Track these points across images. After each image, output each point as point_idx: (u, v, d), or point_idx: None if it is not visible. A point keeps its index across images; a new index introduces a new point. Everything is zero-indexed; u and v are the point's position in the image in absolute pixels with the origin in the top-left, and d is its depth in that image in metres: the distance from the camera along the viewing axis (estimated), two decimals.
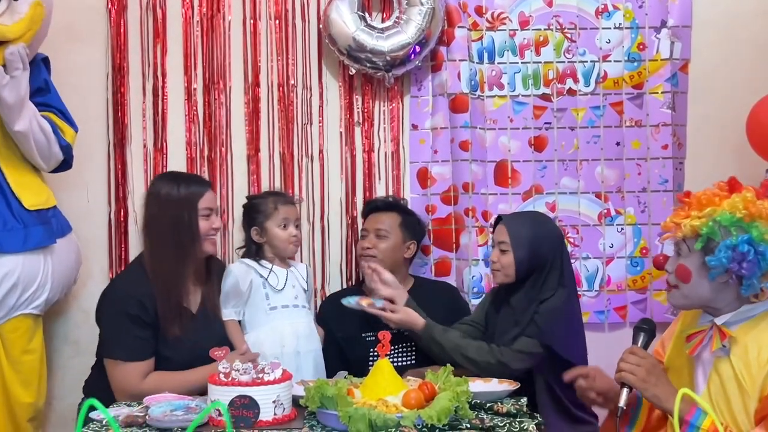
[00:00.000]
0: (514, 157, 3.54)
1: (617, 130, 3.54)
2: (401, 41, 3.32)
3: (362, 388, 2.37)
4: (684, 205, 2.16)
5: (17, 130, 2.83)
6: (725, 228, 2.05)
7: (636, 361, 2.12)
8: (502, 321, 2.92)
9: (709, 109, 3.55)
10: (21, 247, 2.85)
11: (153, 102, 3.47)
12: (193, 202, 2.85)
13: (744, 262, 2.03)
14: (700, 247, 2.08)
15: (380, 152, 3.52)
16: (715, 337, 2.11)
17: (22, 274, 2.86)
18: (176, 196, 2.85)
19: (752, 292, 2.08)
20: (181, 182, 2.90)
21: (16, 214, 2.86)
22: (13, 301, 2.87)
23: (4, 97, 2.75)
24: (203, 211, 2.86)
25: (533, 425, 2.26)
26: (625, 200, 3.54)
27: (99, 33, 3.43)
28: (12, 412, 2.93)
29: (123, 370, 2.74)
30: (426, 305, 3.09)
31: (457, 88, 3.45)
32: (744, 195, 2.08)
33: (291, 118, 3.49)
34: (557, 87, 3.53)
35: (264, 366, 2.33)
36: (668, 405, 2.07)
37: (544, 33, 3.53)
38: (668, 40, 3.52)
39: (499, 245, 2.90)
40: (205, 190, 2.90)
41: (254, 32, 3.48)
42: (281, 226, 3.03)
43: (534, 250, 2.84)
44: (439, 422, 2.18)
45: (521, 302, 2.86)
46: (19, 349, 2.93)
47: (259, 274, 2.99)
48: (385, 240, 3.16)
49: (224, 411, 1.34)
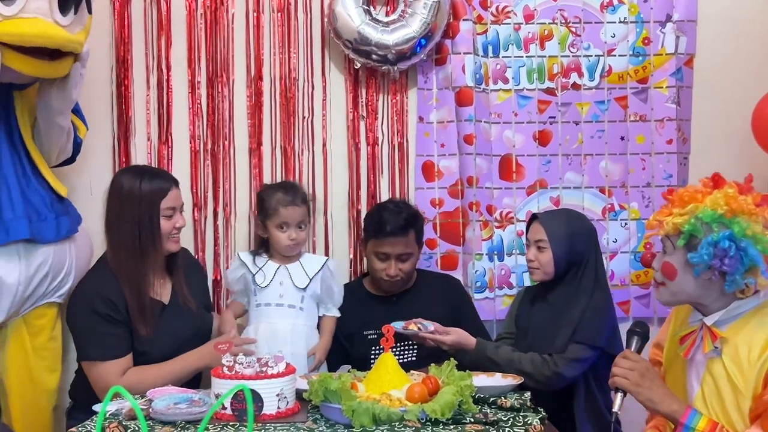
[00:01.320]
0: (518, 151, 3.53)
1: (622, 124, 3.53)
2: (406, 35, 3.31)
3: (366, 382, 2.37)
4: (668, 202, 2.16)
5: (64, 125, 2.93)
6: (707, 224, 2.05)
7: (629, 366, 2.11)
8: (539, 318, 2.91)
9: (714, 103, 3.54)
10: (55, 236, 2.89)
11: (157, 95, 3.47)
12: (154, 202, 2.76)
13: (726, 258, 2.02)
14: (683, 244, 2.08)
15: (384, 146, 3.52)
16: (706, 339, 2.10)
17: (53, 263, 2.90)
18: (137, 195, 2.75)
19: (736, 288, 2.07)
20: (144, 178, 2.79)
21: (48, 204, 2.91)
22: (44, 290, 2.92)
23: (72, 93, 2.85)
24: (166, 211, 2.78)
25: (537, 419, 2.25)
26: (629, 195, 3.53)
27: (103, 25, 3.42)
28: (38, 402, 2.97)
29: (101, 369, 2.70)
30: (429, 298, 3.09)
31: (461, 81, 3.45)
32: (725, 191, 2.08)
33: (293, 112, 3.49)
34: (562, 81, 3.52)
35: (268, 359, 2.33)
36: (662, 408, 2.07)
37: (548, 27, 3.52)
38: (673, 34, 3.51)
39: (535, 243, 2.89)
40: (168, 188, 2.80)
41: (257, 25, 3.48)
42: (280, 227, 2.98)
43: (571, 246, 2.84)
44: (443, 416, 2.18)
45: (559, 299, 2.86)
46: (45, 336, 2.98)
47: (249, 270, 2.99)
48: (409, 261, 3.11)
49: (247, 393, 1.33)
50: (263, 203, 3.02)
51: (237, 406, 2.23)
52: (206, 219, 3.48)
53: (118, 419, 2.26)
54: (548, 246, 2.85)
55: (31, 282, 2.85)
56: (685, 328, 2.21)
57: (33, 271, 2.84)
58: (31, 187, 2.88)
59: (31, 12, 2.63)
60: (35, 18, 2.64)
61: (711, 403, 2.08)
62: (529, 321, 2.95)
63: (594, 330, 2.75)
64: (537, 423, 2.23)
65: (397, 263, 3.08)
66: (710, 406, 2.08)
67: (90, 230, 3.22)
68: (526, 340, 2.90)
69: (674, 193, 2.16)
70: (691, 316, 2.21)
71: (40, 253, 2.86)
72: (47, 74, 2.77)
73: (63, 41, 2.69)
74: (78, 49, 2.78)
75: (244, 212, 3.48)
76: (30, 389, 2.95)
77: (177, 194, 2.85)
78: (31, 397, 2.95)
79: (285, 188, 3.07)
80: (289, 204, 2.98)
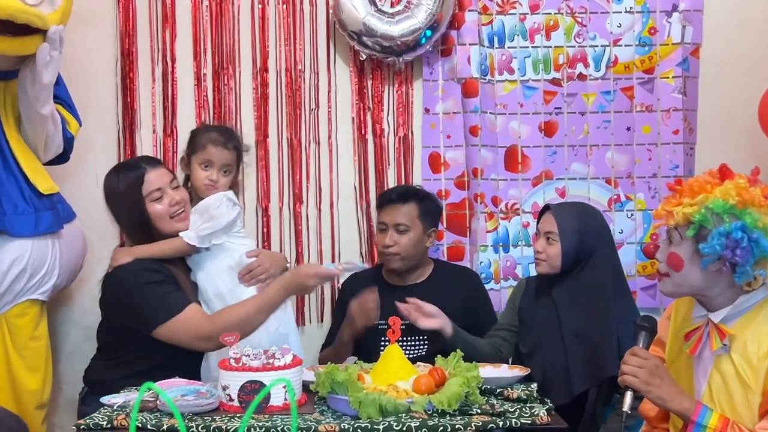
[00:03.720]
0: (524, 142, 3.53)
1: (628, 115, 3.52)
2: (411, 26, 3.30)
3: (373, 373, 2.38)
4: (675, 192, 2.12)
5: (43, 113, 2.84)
6: (718, 215, 2.02)
7: (638, 363, 2.06)
8: (543, 312, 2.86)
9: (720, 94, 3.53)
10: (32, 231, 2.85)
11: (162, 87, 3.47)
12: (135, 192, 2.75)
13: (737, 249, 1.99)
14: (692, 235, 2.05)
15: (390, 137, 3.51)
16: (714, 336, 2.07)
17: (31, 259, 2.86)
18: (119, 192, 2.77)
19: (746, 280, 2.04)
20: (120, 174, 2.80)
21: (27, 198, 2.86)
22: (21, 286, 2.87)
23: (42, 77, 2.75)
24: (152, 195, 2.75)
25: (543, 410, 2.25)
26: (636, 186, 3.53)
27: (108, 18, 3.43)
28: (19, 399, 2.92)
29: (183, 322, 2.63)
30: (443, 290, 3.04)
31: (467, 72, 3.44)
32: (736, 182, 2.05)
33: (299, 104, 3.49)
34: (567, 72, 3.52)
35: (275, 351, 2.34)
36: (673, 406, 2.03)
37: (554, 17, 3.51)
38: (679, 24, 3.50)
39: (545, 235, 2.84)
40: (142, 174, 2.76)
41: (263, 17, 3.47)
42: (204, 165, 2.92)
43: (581, 241, 2.79)
44: (450, 407, 2.18)
45: (564, 297, 2.81)
46: (26, 336, 2.93)
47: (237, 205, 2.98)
48: (406, 234, 3.04)
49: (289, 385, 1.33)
50: (193, 138, 2.99)
51: (245, 398, 2.24)
52: None
53: (126, 411, 2.27)
54: (558, 239, 2.80)
55: (5, 277, 2.81)
56: (689, 324, 2.17)
57: (7, 266, 2.80)
58: (11, 180, 2.84)
59: None
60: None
61: (719, 399, 2.05)
62: (534, 316, 2.90)
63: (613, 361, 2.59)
64: (544, 414, 2.23)
65: (393, 234, 3.03)
66: (718, 403, 2.05)
67: (95, 223, 3.23)
68: (532, 333, 2.87)
69: (683, 183, 2.13)
70: (694, 311, 2.17)
71: (15, 247, 2.82)
72: (9, 51, 2.70)
73: (16, 12, 2.59)
74: (38, 23, 2.68)
75: (251, 204, 3.48)
76: (9, 388, 2.91)
77: (157, 174, 2.79)
78: (10, 396, 2.90)
79: (220, 130, 3.04)
80: (218, 144, 2.93)
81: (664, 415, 2.24)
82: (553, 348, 2.79)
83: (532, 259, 3.43)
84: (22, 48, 2.73)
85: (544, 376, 2.76)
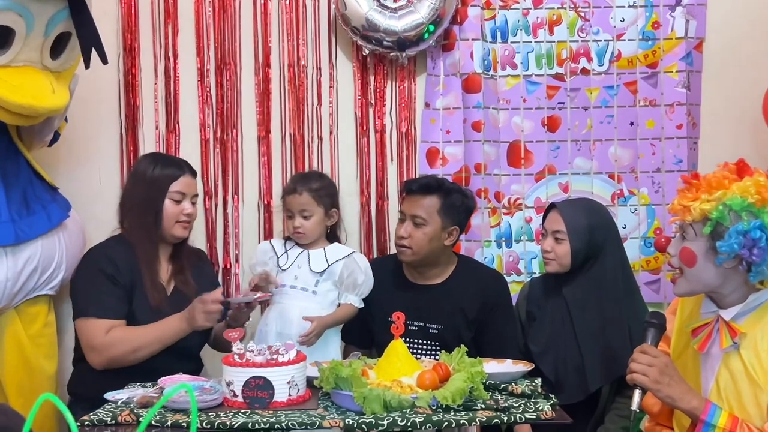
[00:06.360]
0: (527, 137, 3.52)
1: (631, 109, 3.51)
2: (414, 21, 3.30)
3: (377, 369, 2.37)
4: (691, 186, 2.07)
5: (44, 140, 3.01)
6: (735, 213, 1.98)
7: (648, 361, 2.04)
8: (554, 311, 2.83)
9: (724, 88, 3.53)
10: (48, 226, 2.91)
11: (165, 83, 3.47)
12: (163, 185, 2.80)
13: (755, 248, 1.96)
14: (709, 232, 2.01)
15: (392, 133, 3.51)
16: (723, 334, 2.05)
17: (42, 257, 2.91)
18: (149, 177, 2.82)
19: (761, 279, 2.01)
20: (159, 164, 2.85)
21: (36, 195, 2.92)
22: (33, 284, 2.93)
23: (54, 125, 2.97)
24: (175, 195, 2.81)
25: (548, 406, 2.25)
26: (639, 180, 3.52)
27: (110, 13, 3.42)
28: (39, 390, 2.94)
29: (91, 325, 2.69)
30: (461, 292, 2.94)
31: (470, 67, 3.43)
32: (756, 179, 2.00)
33: (302, 99, 3.48)
34: (570, 66, 3.51)
35: (278, 347, 2.33)
36: (682, 405, 2.01)
37: (557, 12, 3.51)
38: (683, 18, 3.49)
39: (553, 234, 2.80)
40: (180, 174, 2.83)
41: (265, 12, 3.47)
42: (288, 215, 2.95)
43: (590, 239, 2.76)
44: (454, 403, 2.17)
45: (575, 294, 2.79)
46: (41, 323, 3.00)
47: (275, 253, 2.97)
48: (421, 228, 2.89)
49: (190, 391, 1.33)
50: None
51: (249, 394, 2.24)
52: (216, 207, 3.48)
53: (129, 407, 2.27)
54: (566, 238, 2.76)
55: (19, 277, 2.85)
56: (697, 320, 2.14)
57: (21, 266, 2.85)
58: (21, 179, 2.89)
59: (21, 61, 2.65)
60: (24, 67, 2.66)
61: (727, 397, 2.04)
62: (544, 314, 2.86)
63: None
64: (548, 409, 2.23)
65: (409, 226, 2.91)
66: (726, 400, 2.03)
67: (98, 218, 3.23)
68: (543, 332, 2.84)
69: (700, 177, 2.07)
70: (703, 306, 2.14)
71: (28, 247, 2.86)
72: (25, 124, 2.82)
73: (45, 112, 2.73)
74: (58, 113, 2.83)
75: (253, 200, 3.48)
76: (28, 379, 2.95)
77: (189, 182, 2.87)
78: (31, 386, 2.95)
79: (295, 177, 3.07)
80: (290, 192, 2.95)
81: (668, 411, 2.23)
82: (566, 346, 2.77)
83: (535, 254, 3.45)
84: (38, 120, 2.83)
85: (556, 374, 2.76)
